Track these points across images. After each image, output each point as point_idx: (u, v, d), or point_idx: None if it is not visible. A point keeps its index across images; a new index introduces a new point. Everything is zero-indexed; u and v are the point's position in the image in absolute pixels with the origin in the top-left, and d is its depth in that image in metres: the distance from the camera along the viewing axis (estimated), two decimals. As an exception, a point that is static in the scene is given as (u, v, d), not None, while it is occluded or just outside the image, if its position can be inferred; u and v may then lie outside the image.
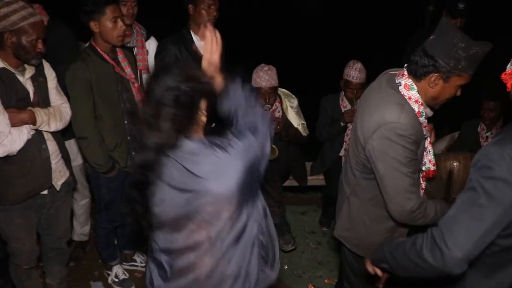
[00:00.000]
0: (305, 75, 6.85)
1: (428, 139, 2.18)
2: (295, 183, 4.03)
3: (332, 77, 4.28)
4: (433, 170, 2.22)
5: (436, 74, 1.92)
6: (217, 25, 3.42)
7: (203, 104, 1.69)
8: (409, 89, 2.01)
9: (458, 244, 1.41)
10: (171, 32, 3.43)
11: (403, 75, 2.04)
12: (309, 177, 4.05)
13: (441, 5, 4.11)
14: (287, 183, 4.01)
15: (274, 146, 3.34)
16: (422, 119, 2.05)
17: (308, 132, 3.76)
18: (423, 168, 2.20)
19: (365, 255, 2.24)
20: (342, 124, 3.72)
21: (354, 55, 3.80)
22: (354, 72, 3.57)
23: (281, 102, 3.63)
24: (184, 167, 1.59)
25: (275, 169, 3.55)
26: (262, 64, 3.49)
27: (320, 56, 7.94)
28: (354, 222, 2.30)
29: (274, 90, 3.47)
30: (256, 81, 3.42)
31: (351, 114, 3.58)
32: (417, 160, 2.05)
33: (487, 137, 3.11)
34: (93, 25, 2.77)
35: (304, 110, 3.80)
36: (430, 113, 2.11)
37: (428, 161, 2.20)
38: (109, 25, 2.75)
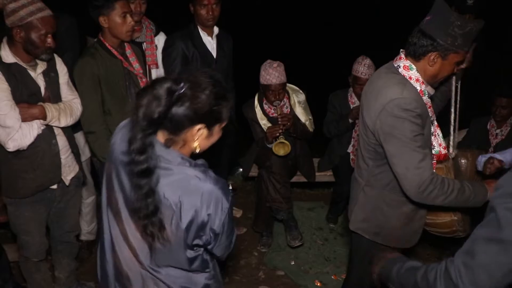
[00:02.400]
0: (312, 71, 6.84)
1: (436, 123, 2.22)
2: (302, 179, 4.04)
3: (338, 73, 4.29)
4: (444, 154, 2.25)
5: (435, 53, 2.00)
6: (223, 21, 3.46)
7: (199, 129, 1.51)
8: (408, 69, 2.07)
9: (476, 282, 1.29)
10: (180, 27, 3.44)
11: (400, 58, 2.12)
12: (316, 173, 4.05)
13: (450, 1, 4.09)
14: (294, 179, 4.02)
15: (287, 141, 3.35)
16: (426, 98, 2.09)
17: (314, 128, 3.76)
18: (433, 152, 2.22)
19: (386, 242, 2.30)
20: (350, 120, 3.72)
21: (362, 51, 3.79)
22: (363, 68, 3.57)
23: (289, 98, 3.63)
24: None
25: (282, 165, 3.55)
26: (270, 60, 3.48)
27: (327, 51, 7.93)
28: (372, 211, 2.31)
29: (283, 86, 3.47)
30: (265, 78, 3.42)
31: (359, 110, 3.58)
32: (423, 135, 2.05)
33: (496, 134, 3.09)
34: (102, 20, 2.78)
35: (311, 106, 3.80)
36: (431, 91, 2.15)
37: (438, 145, 2.23)
38: (118, 20, 2.76)
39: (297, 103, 3.66)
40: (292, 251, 3.79)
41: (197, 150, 1.57)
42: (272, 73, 3.38)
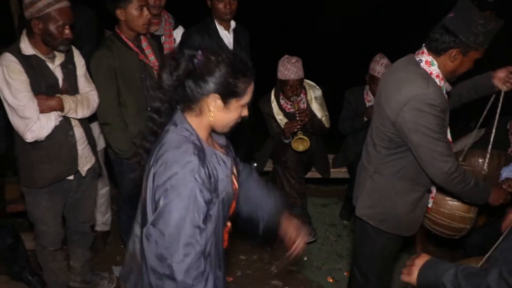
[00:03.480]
0: (328, 67, 6.79)
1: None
2: (317, 175, 4.02)
3: (355, 69, 4.25)
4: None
5: (456, 49, 2.06)
6: (240, 15, 3.45)
7: (213, 99, 1.55)
8: (430, 65, 2.14)
9: None
10: (199, 21, 3.44)
11: (423, 52, 2.17)
12: (331, 170, 4.04)
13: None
14: (309, 175, 4.00)
15: (306, 137, 3.34)
16: (444, 94, 2.16)
17: (330, 124, 3.74)
18: None
19: (389, 230, 2.39)
20: (365, 119, 3.68)
21: (380, 48, 3.75)
22: (380, 67, 3.52)
23: (305, 93, 3.61)
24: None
25: (297, 160, 3.55)
26: (288, 56, 3.46)
27: (345, 47, 7.86)
28: (380, 198, 2.38)
29: (301, 82, 3.46)
30: (283, 73, 3.40)
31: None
32: (446, 128, 2.16)
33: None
34: (119, 13, 2.79)
35: (327, 102, 3.78)
36: (449, 87, 2.22)
37: None
38: (135, 13, 2.77)
39: (314, 99, 3.64)
40: (305, 246, 3.77)
41: (211, 120, 1.59)
42: (290, 69, 3.37)
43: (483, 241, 2.54)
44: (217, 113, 1.58)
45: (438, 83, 2.12)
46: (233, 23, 3.47)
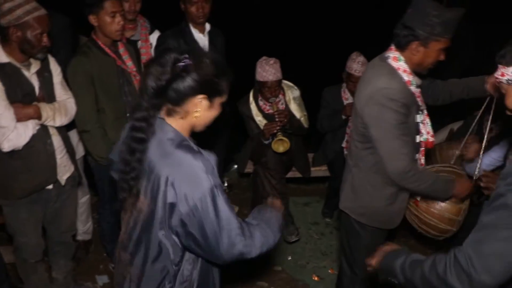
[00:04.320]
0: (306, 67, 6.84)
1: (425, 112, 2.38)
2: (298, 175, 4.05)
3: (332, 69, 4.28)
4: (432, 141, 2.42)
5: (416, 42, 2.14)
6: (216, 18, 3.46)
7: (201, 99, 1.58)
8: (397, 60, 2.22)
9: (488, 268, 1.29)
10: (175, 25, 3.44)
11: (391, 49, 2.26)
12: (311, 168, 4.06)
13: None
14: (290, 175, 4.02)
15: (285, 138, 3.36)
16: (413, 88, 2.24)
17: (308, 124, 3.77)
18: (421, 139, 2.37)
19: (370, 223, 2.46)
20: (343, 117, 3.72)
21: (356, 46, 3.79)
22: (357, 65, 3.57)
23: (284, 94, 3.63)
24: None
25: (278, 161, 3.56)
26: (266, 57, 3.48)
27: (321, 47, 7.93)
28: (358, 192, 2.46)
29: (279, 83, 3.48)
30: (262, 75, 3.42)
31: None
32: (407, 124, 2.20)
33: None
34: (92, 19, 2.78)
35: (305, 102, 3.80)
36: (418, 81, 2.30)
37: (426, 133, 2.39)
38: (107, 19, 2.75)
39: (292, 99, 3.66)
40: (289, 246, 3.80)
41: (203, 120, 1.64)
42: (268, 70, 3.38)
43: (462, 232, 2.59)
44: (203, 112, 1.61)
45: (406, 77, 2.20)
46: (207, 26, 3.48)
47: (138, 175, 1.61)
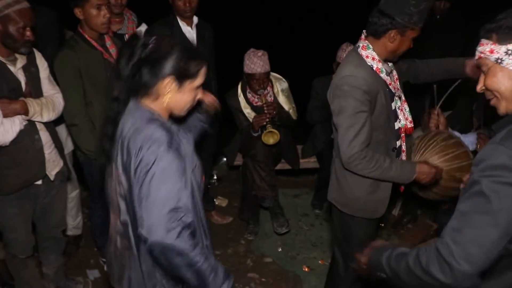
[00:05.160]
0: (294, 59, 6.84)
1: (403, 98, 2.43)
2: (287, 167, 4.07)
3: (321, 60, 4.29)
4: (411, 127, 2.47)
5: (394, 30, 2.16)
6: (203, 11, 3.45)
7: (169, 81, 1.62)
8: (365, 49, 2.25)
9: (467, 256, 1.29)
10: (162, 18, 3.43)
11: (361, 39, 2.30)
12: (301, 160, 4.08)
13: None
14: (279, 167, 4.04)
15: (275, 130, 3.37)
16: (384, 76, 2.28)
17: (297, 116, 3.79)
18: (400, 125, 2.41)
19: (353, 213, 2.49)
20: None
21: (346, 37, 3.80)
22: None
23: (272, 86, 3.63)
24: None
25: (267, 153, 3.57)
26: (254, 49, 3.48)
27: (310, 39, 7.93)
28: (340, 182, 2.48)
29: (267, 75, 3.48)
30: (250, 67, 3.42)
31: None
32: (367, 113, 2.21)
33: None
34: (77, 12, 2.75)
35: (293, 94, 3.81)
36: (388, 68, 2.34)
37: (404, 119, 2.43)
38: (93, 12, 2.73)
39: (280, 92, 3.67)
40: (279, 238, 3.82)
41: (168, 103, 1.66)
42: (256, 62, 3.38)
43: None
44: (173, 95, 1.66)
45: (375, 65, 2.24)
46: (195, 19, 3.47)
47: (111, 149, 1.69)
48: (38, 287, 3.00)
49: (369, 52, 2.25)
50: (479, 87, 1.53)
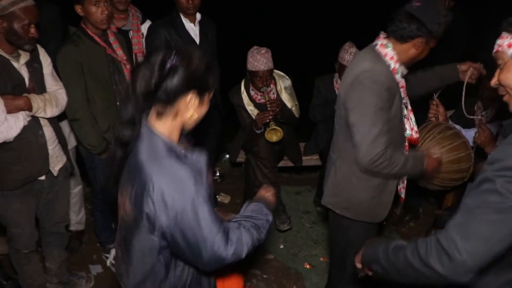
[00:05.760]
0: (297, 56, 6.83)
1: (409, 107, 2.38)
2: (289, 164, 4.07)
3: (324, 58, 4.29)
4: (416, 138, 2.41)
5: (422, 38, 2.13)
6: (206, 7, 3.45)
7: (191, 96, 1.55)
8: (384, 47, 2.21)
9: (473, 251, 1.29)
10: (166, 14, 3.43)
11: (379, 38, 2.26)
12: (303, 158, 4.09)
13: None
14: (281, 164, 4.05)
15: (278, 127, 3.37)
16: (399, 77, 2.23)
17: (300, 113, 3.79)
18: (405, 135, 2.37)
19: (354, 217, 2.41)
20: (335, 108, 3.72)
21: (348, 35, 3.80)
22: (349, 56, 3.56)
23: (275, 84, 3.64)
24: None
25: (270, 150, 3.58)
26: (257, 47, 3.48)
27: (313, 36, 7.91)
28: (342, 185, 2.41)
29: (271, 72, 3.48)
30: (253, 65, 3.42)
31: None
32: (389, 113, 2.17)
33: (482, 115, 3.13)
34: (78, 9, 2.78)
35: (296, 91, 3.81)
36: (405, 71, 2.28)
37: (410, 128, 2.38)
38: (92, 9, 2.75)
39: (283, 89, 3.67)
40: (281, 235, 3.83)
41: (194, 118, 1.61)
42: (260, 60, 3.38)
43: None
44: (196, 109, 1.59)
45: (392, 65, 2.19)
46: (198, 16, 3.47)
47: (119, 172, 1.64)
48: (41, 281, 3.02)
49: (388, 51, 2.19)
50: (493, 82, 1.51)
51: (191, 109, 1.57)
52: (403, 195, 2.53)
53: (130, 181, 1.57)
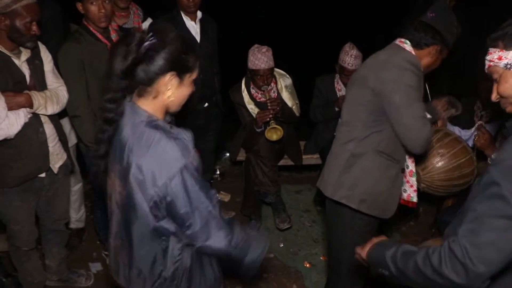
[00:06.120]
0: (298, 55, 6.83)
1: None
2: (290, 163, 4.07)
3: (325, 57, 4.29)
4: None
5: (437, 46, 2.23)
6: (207, 5, 3.45)
7: (170, 77, 1.55)
8: (404, 43, 2.26)
9: (484, 259, 1.27)
10: (168, 12, 3.43)
11: (401, 42, 2.27)
12: (303, 156, 4.09)
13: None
14: (282, 163, 4.04)
15: (279, 126, 3.37)
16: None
17: (300, 112, 3.79)
18: None
19: (370, 211, 2.37)
20: (336, 109, 3.72)
21: (349, 35, 3.80)
22: (350, 58, 3.55)
23: (276, 82, 3.63)
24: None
25: (270, 149, 3.58)
26: (258, 45, 3.47)
27: (314, 35, 7.91)
28: (361, 177, 2.35)
29: (271, 71, 3.48)
30: (254, 63, 3.41)
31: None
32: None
33: (481, 116, 3.14)
34: (79, 6, 2.79)
35: (297, 90, 3.81)
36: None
37: None
38: (89, 7, 2.76)
39: (284, 88, 3.67)
40: (281, 233, 3.83)
41: (172, 99, 1.60)
42: (260, 58, 3.38)
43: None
44: (175, 91, 1.59)
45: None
46: (199, 14, 3.47)
47: (105, 153, 1.65)
48: (41, 278, 3.02)
49: (407, 46, 2.25)
50: (494, 96, 1.52)
51: (170, 90, 1.58)
52: (415, 199, 2.54)
53: (118, 159, 1.59)
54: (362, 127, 2.31)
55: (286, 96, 3.67)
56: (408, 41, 2.24)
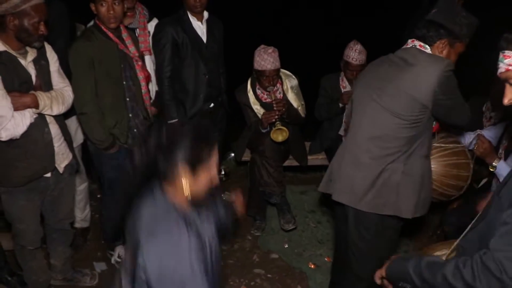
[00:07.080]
0: (304, 56, 6.81)
1: None
2: (295, 163, 4.06)
3: (331, 57, 4.28)
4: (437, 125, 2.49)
5: (444, 39, 2.19)
6: (214, 6, 3.45)
7: (182, 168, 1.57)
8: (423, 48, 2.24)
9: None
10: (173, 12, 3.43)
11: (412, 41, 2.26)
12: (308, 157, 4.08)
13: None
14: (287, 163, 4.04)
15: (284, 127, 3.37)
16: None
17: (306, 113, 3.78)
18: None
19: (419, 213, 2.41)
20: (340, 105, 3.73)
21: (353, 35, 3.79)
22: (354, 53, 3.58)
23: (281, 83, 3.63)
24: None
25: (275, 149, 3.57)
26: (264, 46, 3.47)
27: (319, 36, 7.89)
28: (404, 184, 2.31)
29: (277, 72, 3.48)
30: (260, 64, 3.41)
31: (350, 95, 3.58)
32: None
33: (490, 117, 3.10)
34: (92, 6, 2.82)
35: (303, 91, 3.81)
36: None
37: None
38: (100, 9, 2.79)
39: (290, 88, 3.67)
40: (286, 234, 3.82)
41: (190, 190, 1.60)
42: (266, 59, 3.38)
43: (460, 221, 2.60)
44: (189, 181, 1.60)
45: None
46: (206, 14, 3.46)
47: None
48: (46, 277, 3.03)
49: (427, 51, 2.23)
50: (507, 100, 1.51)
51: (185, 182, 1.58)
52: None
53: (131, 235, 1.64)
54: (412, 139, 2.26)
55: (292, 97, 3.66)
56: (427, 46, 2.22)
